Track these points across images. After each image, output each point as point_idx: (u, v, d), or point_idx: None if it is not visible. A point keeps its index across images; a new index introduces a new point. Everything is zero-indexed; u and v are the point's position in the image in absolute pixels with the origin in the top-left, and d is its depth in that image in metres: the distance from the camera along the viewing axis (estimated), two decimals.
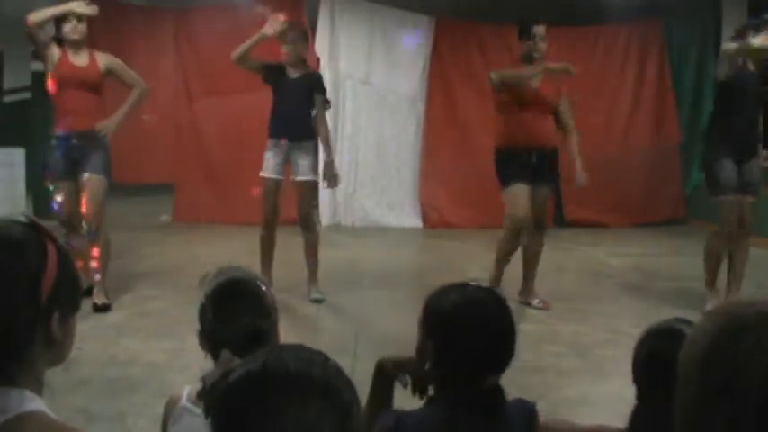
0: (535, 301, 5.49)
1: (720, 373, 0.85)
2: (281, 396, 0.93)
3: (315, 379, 0.96)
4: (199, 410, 1.76)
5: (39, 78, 10.00)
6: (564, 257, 7.41)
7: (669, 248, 8.08)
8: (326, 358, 1.00)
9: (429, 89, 9.73)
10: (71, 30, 5.37)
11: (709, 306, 5.10)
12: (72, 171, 5.37)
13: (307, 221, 5.58)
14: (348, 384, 0.99)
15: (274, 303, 1.91)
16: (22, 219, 1.29)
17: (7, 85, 13.73)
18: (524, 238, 5.51)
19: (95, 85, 5.45)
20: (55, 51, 5.41)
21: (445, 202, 9.62)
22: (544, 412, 1.81)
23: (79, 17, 5.39)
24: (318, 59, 9.43)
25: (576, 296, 5.88)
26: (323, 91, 5.64)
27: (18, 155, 9.77)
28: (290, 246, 5.89)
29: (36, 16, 5.28)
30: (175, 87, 9.47)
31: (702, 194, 7.44)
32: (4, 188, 9.46)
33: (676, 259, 7.27)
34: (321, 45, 9.43)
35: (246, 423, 0.93)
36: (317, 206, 5.78)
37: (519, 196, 5.31)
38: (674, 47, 9.86)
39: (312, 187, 5.62)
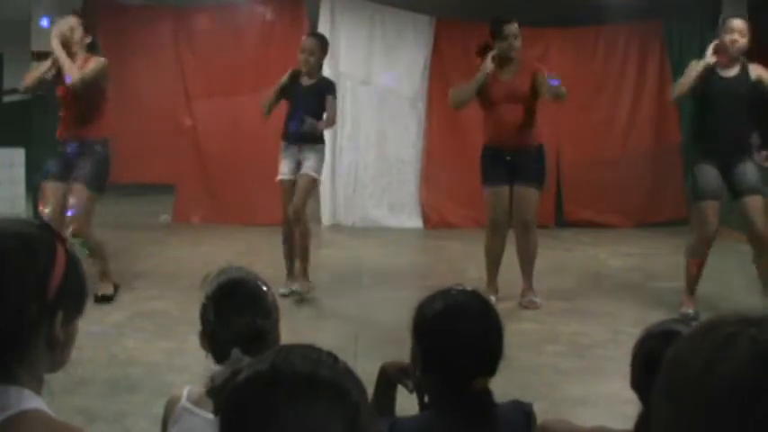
0: (524, 300, 5.47)
1: (678, 377, 0.85)
2: (289, 396, 0.94)
3: (323, 379, 0.96)
4: (198, 410, 1.76)
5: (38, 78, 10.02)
6: (564, 257, 7.41)
7: (669, 248, 8.06)
8: (336, 359, 1.01)
9: (429, 89, 9.72)
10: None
11: (682, 310, 5.12)
12: (65, 175, 5.36)
13: (298, 215, 5.57)
14: (357, 385, 1.00)
15: (275, 303, 1.91)
16: (35, 220, 1.31)
17: (7, 85, 13.73)
18: (518, 239, 5.55)
19: (81, 93, 5.30)
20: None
21: (446, 202, 9.61)
22: (544, 412, 1.82)
23: (71, 27, 5.35)
24: None
25: (576, 296, 5.88)
26: (333, 92, 5.74)
27: (18, 155, 9.76)
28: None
29: (28, 82, 5.39)
30: (175, 87, 9.46)
31: None
32: (4, 188, 9.45)
33: (677, 259, 7.21)
34: None
35: (254, 423, 0.94)
36: (306, 206, 5.75)
37: (494, 197, 5.50)
38: (674, 47, 9.85)
39: (310, 184, 5.66)
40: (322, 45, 5.83)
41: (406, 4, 9.66)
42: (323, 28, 9.44)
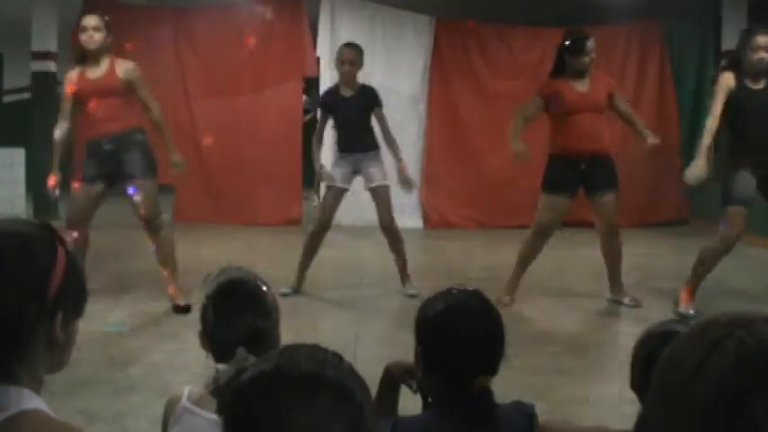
0: (626, 300, 5.54)
1: (670, 379, 0.85)
2: (293, 396, 0.94)
3: (327, 379, 0.97)
4: (199, 410, 1.76)
5: (39, 78, 10.02)
6: (564, 257, 7.40)
7: (670, 248, 8.07)
8: (341, 359, 1.02)
9: (430, 89, 9.72)
10: (86, 40, 5.21)
11: (680, 309, 5.12)
12: (102, 178, 5.25)
13: (390, 230, 5.71)
14: (361, 385, 1.00)
15: (275, 303, 1.91)
16: (35, 220, 1.31)
17: (7, 85, 13.74)
18: (604, 243, 5.59)
19: (115, 91, 5.23)
20: (72, 76, 5.28)
21: (446, 202, 9.61)
22: (544, 412, 1.81)
23: (95, 27, 5.21)
24: (318, 59, 9.43)
25: (576, 296, 5.88)
26: (380, 104, 5.76)
27: (18, 155, 9.77)
28: (290, 245, 5.89)
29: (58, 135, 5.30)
30: (175, 87, 9.46)
31: (704, 194, 7.44)
32: (4, 188, 9.46)
33: (677, 259, 7.26)
34: (321, 45, 9.42)
35: (258, 422, 0.94)
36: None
37: (552, 206, 5.46)
38: (674, 47, 9.86)
39: (388, 193, 5.73)
40: (361, 56, 5.84)
41: (406, 4, 9.67)
42: (323, 28, 9.45)
